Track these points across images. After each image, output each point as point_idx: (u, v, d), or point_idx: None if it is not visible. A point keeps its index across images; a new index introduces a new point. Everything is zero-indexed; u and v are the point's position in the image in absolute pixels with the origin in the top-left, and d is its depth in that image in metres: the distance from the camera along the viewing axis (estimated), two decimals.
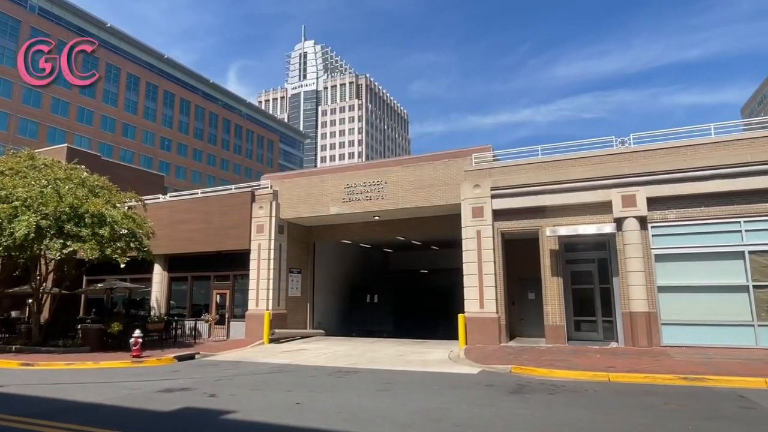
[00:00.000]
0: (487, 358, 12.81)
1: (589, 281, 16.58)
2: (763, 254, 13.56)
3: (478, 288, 16.03)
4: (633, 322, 14.19)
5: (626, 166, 15.03)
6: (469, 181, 16.92)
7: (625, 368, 10.65)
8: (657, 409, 7.32)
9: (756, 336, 13.29)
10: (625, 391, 8.76)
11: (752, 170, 13.63)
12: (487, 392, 8.85)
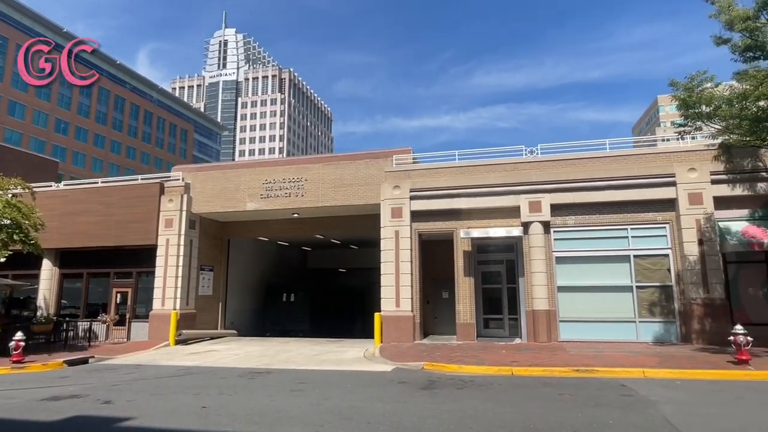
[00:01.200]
0: (401, 355, 13.08)
1: (498, 281, 17.55)
2: (645, 258, 15.22)
3: (395, 287, 16.33)
4: (535, 319, 15.25)
5: (534, 174, 16.12)
6: (389, 182, 17.18)
7: (527, 362, 11.41)
8: (552, 399, 7.92)
9: (637, 331, 14.88)
10: (526, 384, 9.38)
11: (639, 183, 15.24)
12: (400, 389, 9.04)
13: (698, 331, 14.01)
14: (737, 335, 10.57)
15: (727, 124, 12.22)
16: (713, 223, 14.42)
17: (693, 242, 14.45)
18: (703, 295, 14.15)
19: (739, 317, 13.75)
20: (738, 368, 10.20)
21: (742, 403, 7.56)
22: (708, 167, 14.63)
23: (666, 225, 15.17)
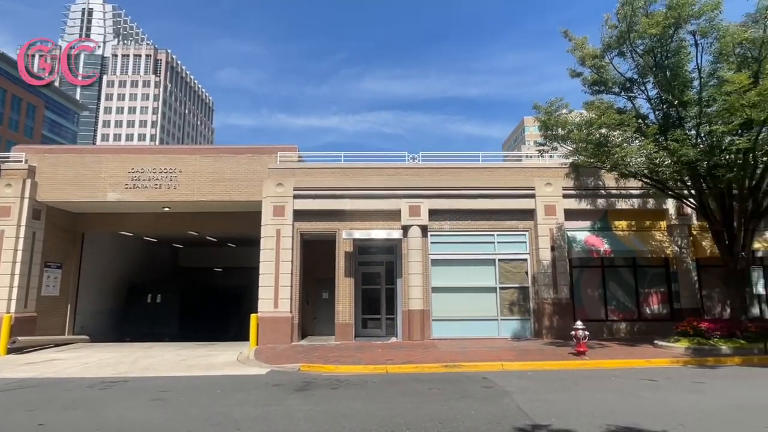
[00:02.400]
0: (277, 358, 12.72)
1: (378, 282, 18.00)
2: (507, 262, 16.78)
3: (274, 287, 15.86)
4: (411, 318, 15.93)
5: (415, 180, 16.86)
6: (272, 179, 16.67)
7: (401, 360, 11.85)
8: (422, 394, 8.31)
9: (499, 328, 16.33)
10: (399, 381, 9.72)
11: (505, 193, 16.78)
12: (273, 392, 8.77)
13: (548, 327, 15.83)
14: (577, 330, 12.15)
15: (577, 146, 14.02)
16: (563, 233, 16.43)
17: (547, 249, 16.31)
18: (552, 296, 16.04)
19: (580, 314, 15.83)
20: (577, 359, 11.71)
21: (578, 388, 8.69)
22: (561, 183, 16.66)
23: (526, 232, 16.91)
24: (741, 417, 6.46)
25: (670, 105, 13.52)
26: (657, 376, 9.81)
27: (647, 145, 12.62)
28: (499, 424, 6.28)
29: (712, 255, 15.29)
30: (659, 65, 13.12)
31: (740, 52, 12.40)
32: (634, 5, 12.62)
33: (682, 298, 16.50)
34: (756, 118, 11.33)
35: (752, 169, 12.74)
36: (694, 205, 14.51)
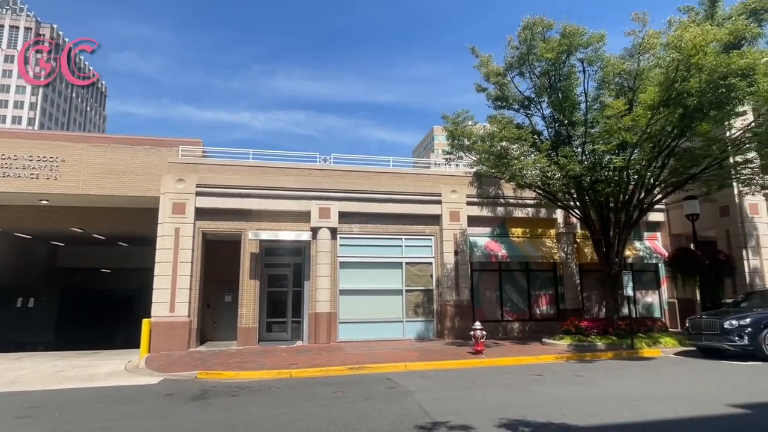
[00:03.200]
0: (171, 365, 11.87)
1: (285, 284, 17.59)
2: (414, 265, 17.29)
3: (171, 290, 14.82)
4: (317, 321, 15.76)
5: (326, 182, 16.76)
6: (172, 174, 15.59)
7: (306, 364, 11.67)
8: (327, 398, 8.24)
9: (404, 330, 16.75)
10: (303, 385, 9.54)
11: (413, 199, 17.30)
12: (165, 403, 8.16)
13: (450, 328, 16.55)
14: (476, 330, 12.85)
15: (480, 157, 14.89)
16: (466, 238, 17.32)
17: (450, 253, 17.07)
18: (455, 298, 16.81)
19: (479, 315, 16.77)
20: (475, 358, 12.37)
21: (475, 385, 9.17)
22: (465, 191, 17.55)
23: (432, 237, 17.56)
24: (611, 405, 7.23)
25: (561, 124, 14.88)
26: (544, 371, 10.67)
27: (541, 159, 13.75)
28: (401, 423, 6.41)
29: (592, 260, 17.03)
30: (553, 87, 14.37)
31: (619, 81, 14.01)
32: (534, 30, 13.72)
33: (567, 300, 18.19)
34: (629, 140, 12.84)
35: (625, 186, 14.40)
36: (578, 216, 16.06)
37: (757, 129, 13.31)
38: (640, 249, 18.70)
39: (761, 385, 8.75)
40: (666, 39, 12.10)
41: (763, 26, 12.30)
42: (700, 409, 6.84)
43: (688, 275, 16.38)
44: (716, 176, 14.57)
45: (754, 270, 16.87)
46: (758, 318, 11.66)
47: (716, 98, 11.39)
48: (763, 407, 7.01)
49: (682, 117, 12.18)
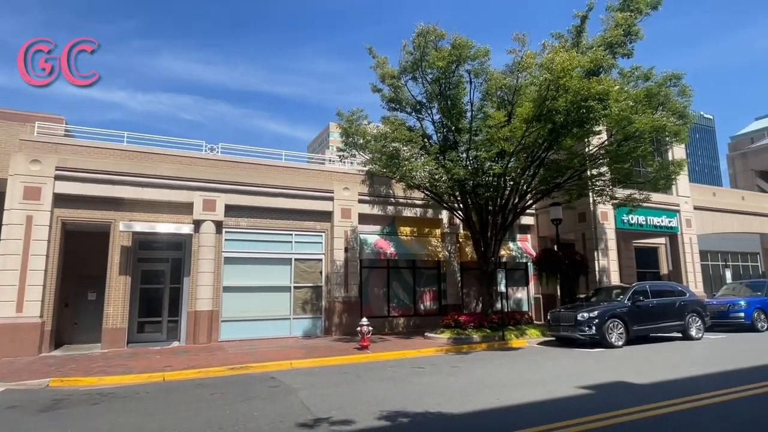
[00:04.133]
0: (16, 373, 10.31)
1: (161, 281, 16.27)
2: (303, 261, 17.07)
3: (19, 287, 12.88)
4: (197, 320, 14.82)
5: (212, 172, 15.82)
6: (26, 154, 13.57)
7: (182, 366, 10.89)
8: (203, 400, 7.77)
9: (291, 327, 16.46)
10: (177, 389, 8.89)
11: (306, 194, 17.06)
12: (8, 416, 7.05)
13: (338, 324, 16.62)
14: (362, 326, 13.06)
15: (373, 156, 15.17)
16: (357, 235, 17.53)
17: (341, 250, 17.15)
18: (343, 294, 16.92)
19: (366, 311, 17.07)
20: (361, 353, 12.57)
21: (359, 380, 9.31)
22: (357, 189, 17.76)
23: (323, 233, 17.49)
24: (482, 392, 7.82)
25: (449, 129, 15.74)
26: (425, 363, 11.20)
27: (429, 162, 14.41)
28: (282, 422, 6.27)
29: (472, 259, 18.28)
30: (443, 94, 15.14)
31: (500, 95, 15.20)
32: (427, 38, 14.32)
33: (449, 296, 19.31)
34: (507, 149, 14.00)
35: (502, 191, 15.68)
36: (461, 217, 17.13)
37: (609, 147, 15.34)
38: (513, 249, 20.52)
39: (603, 368, 10.10)
40: (540, 60, 13.40)
41: (616, 58, 14.22)
42: (554, 392, 7.68)
43: (551, 273, 18.34)
44: (576, 186, 16.52)
45: (602, 269, 19.46)
46: (603, 311, 13.46)
47: (578, 117, 12.90)
48: (603, 387, 8.09)
49: (551, 131, 13.58)
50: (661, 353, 12.16)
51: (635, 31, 13.97)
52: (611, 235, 19.99)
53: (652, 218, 21.35)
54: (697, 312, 15.00)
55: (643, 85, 14.81)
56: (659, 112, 14.51)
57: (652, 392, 7.56)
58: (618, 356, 11.71)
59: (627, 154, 14.83)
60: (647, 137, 14.40)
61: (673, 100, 14.70)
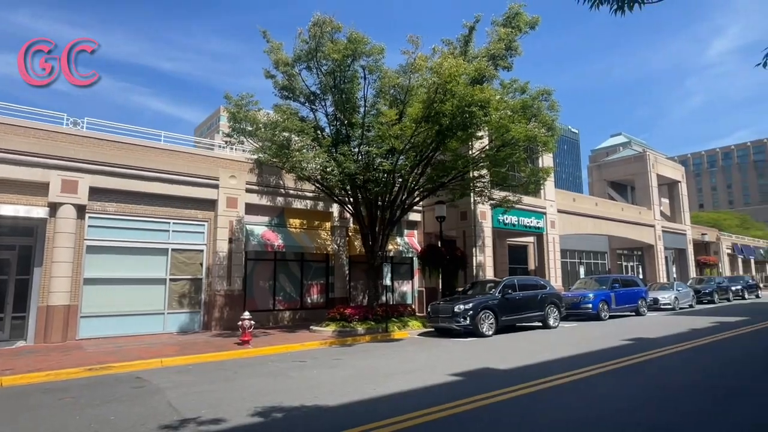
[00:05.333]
0: None
1: (5, 271, 14.04)
2: (182, 252, 15.93)
3: None
4: (50, 316, 13.09)
5: (75, 150, 14.04)
6: None
7: (27, 368, 9.53)
8: (49, 407, 6.87)
9: (164, 322, 15.28)
10: (19, 394, 7.76)
11: (188, 180, 15.92)
12: None
13: (218, 318, 15.81)
14: (244, 320, 12.57)
15: (263, 144, 14.63)
16: (243, 226, 16.80)
17: (225, 240, 16.32)
18: (226, 287, 16.13)
19: (251, 305, 16.48)
20: (241, 348, 12.08)
21: (236, 376, 8.94)
22: (245, 177, 17.01)
23: (205, 223, 16.48)
24: (360, 383, 7.97)
25: (342, 123, 15.75)
26: (307, 357, 11.11)
27: (321, 154, 14.29)
28: (144, 425, 5.78)
29: (360, 253, 18.55)
30: (337, 87, 15.08)
31: (393, 93, 15.57)
32: (323, 29, 14.15)
33: (336, 289, 19.39)
34: (398, 147, 14.40)
35: (391, 187, 16.11)
36: (351, 211, 17.28)
37: (489, 152, 16.54)
38: (400, 244, 21.24)
39: (474, 356, 10.89)
40: (431, 64, 13.98)
41: (498, 70, 15.36)
42: (428, 380, 8.10)
43: (434, 268, 19.34)
44: (460, 186, 17.58)
45: (479, 264, 20.99)
46: (477, 303, 14.52)
47: (463, 121, 13.70)
48: (472, 373, 8.72)
49: (438, 133, 14.25)
50: (523, 341, 13.46)
51: (515, 47, 15.22)
52: (488, 233, 21.64)
53: (523, 219, 23.53)
54: (555, 304, 16.87)
55: (519, 97, 16.18)
56: (532, 122, 15.99)
57: (512, 376, 8.33)
58: (488, 345, 12.72)
59: (504, 159, 16.12)
60: (521, 145, 15.80)
61: (544, 113, 16.29)
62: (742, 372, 8.61)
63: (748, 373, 8.49)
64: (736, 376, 8.26)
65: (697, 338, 12.85)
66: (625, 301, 20.75)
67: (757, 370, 8.83)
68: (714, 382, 7.68)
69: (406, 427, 5.45)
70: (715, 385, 7.45)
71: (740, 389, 7.22)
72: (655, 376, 8.33)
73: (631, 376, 8.36)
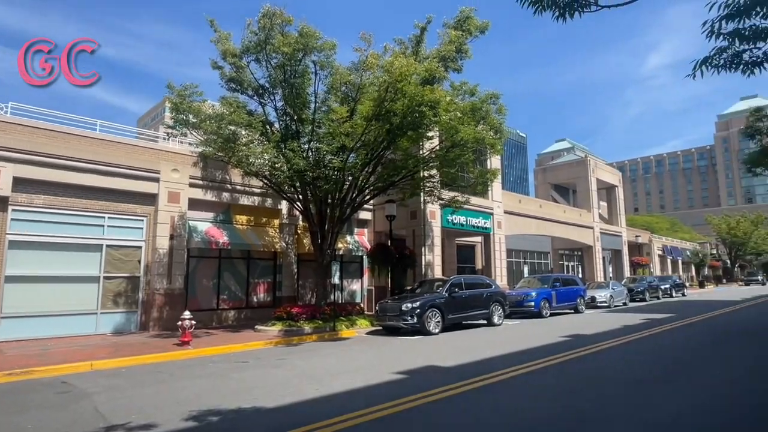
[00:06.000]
0: None
1: None
2: (118, 248, 15.08)
3: None
4: None
5: None
6: None
7: None
8: None
9: (97, 323, 14.41)
10: None
11: (125, 173, 15.08)
12: None
13: (157, 318, 15.09)
14: (184, 320, 12.05)
15: (208, 137, 14.09)
16: (185, 222, 16.13)
17: (165, 237, 15.60)
18: (166, 286, 15.43)
19: (193, 304, 15.87)
20: (180, 349, 11.58)
21: (172, 379, 8.54)
22: (189, 171, 16.34)
23: (144, 218, 15.69)
24: (303, 383, 7.82)
25: (292, 119, 15.45)
26: (250, 357, 10.80)
27: (269, 149, 13.94)
28: None
29: (309, 251, 18.28)
30: (288, 81, 14.76)
31: (345, 90, 15.43)
32: (273, 20, 13.81)
33: (284, 288, 19.03)
34: (348, 144, 14.28)
35: (342, 185, 15.96)
36: (301, 209, 16.99)
37: (439, 152, 16.75)
38: (350, 242, 21.14)
39: (419, 354, 10.98)
40: (382, 62, 13.96)
41: (448, 72, 15.57)
42: (372, 379, 8.07)
43: (383, 266, 19.38)
44: (410, 186, 17.69)
45: (428, 263, 21.25)
46: (425, 301, 14.67)
47: (413, 121, 13.79)
48: (416, 372, 8.77)
49: (388, 131, 14.27)
50: (468, 339, 13.73)
51: (465, 50, 15.49)
52: (437, 233, 21.95)
53: (472, 219, 24.06)
54: (499, 302, 17.35)
55: (469, 100, 16.50)
56: (481, 125, 16.34)
57: (456, 374, 8.44)
58: (434, 343, 12.87)
59: (453, 159, 16.37)
60: (470, 146, 16.10)
61: (492, 116, 16.69)
62: (657, 366, 9.18)
63: (661, 369, 9.06)
64: (653, 369, 8.79)
65: (628, 334, 13.59)
66: (565, 300, 21.67)
67: (666, 367, 9.43)
68: (633, 375, 8.13)
69: (344, 428, 5.38)
70: (632, 378, 7.89)
71: (656, 379, 7.68)
72: (589, 370, 8.71)
73: (567, 370, 8.70)
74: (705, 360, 9.63)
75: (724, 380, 7.72)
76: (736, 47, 6.01)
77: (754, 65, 6.13)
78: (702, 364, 9.24)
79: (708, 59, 6.03)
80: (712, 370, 8.60)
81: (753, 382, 7.65)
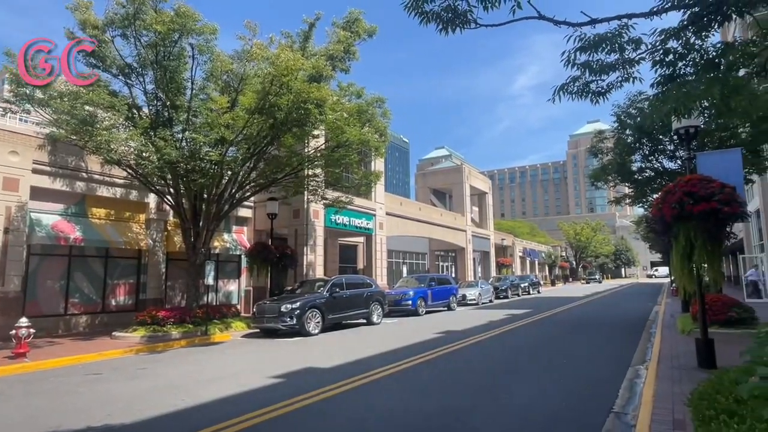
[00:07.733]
0: None
1: None
2: None
3: None
4: None
5: None
6: None
7: None
8: None
9: None
10: None
11: None
12: None
13: None
14: (20, 328, 10.29)
15: (59, 117, 12.24)
16: (26, 213, 13.84)
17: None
18: None
19: (33, 309, 13.73)
20: (14, 362, 9.88)
21: (2, 398, 7.22)
22: (32, 155, 14.05)
23: None
24: (167, 394, 7.13)
25: (164, 104, 14.13)
26: (104, 368, 9.59)
27: (136, 136, 12.57)
28: None
29: (181, 249, 16.87)
30: (160, 63, 13.46)
31: (226, 79, 14.56)
32: None
33: (149, 289, 17.30)
34: (228, 137, 13.46)
35: (219, 180, 14.99)
36: (171, 203, 15.59)
37: (324, 151, 16.62)
38: (228, 241, 19.99)
39: (298, 356, 10.73)
40: (268, 54, 13.43)
41: (336, 71, 15.53)
42: (245, 385, 7.65)
43: (263, 266, 18.64)
44: (293, 184, 17.28)
45: (310, 263, 20.96)
46: (305, 302, 14.42)
47: (298, 117, 13.47)
48: (293, 374, 8.53)
49: (272, 126, 13.75)
50: (348, 338, 13.80)
51: (353, 51, 15.59)
52: (320, 233, 21.77)
53: (355, 219, 24.32)
54: (379, 301, 17.75)
55: (355, 101, 16.64)
56: (366, 127, 16.57)
57: (335, 374, 8.38)
58: (313, 344, 12.69)
59: (338, 159, 16.37)
60: (355, 147, 16.25)
61: (377, 120, 17.03)
62: (517, 357, 10.15)
63: (520, 360, 10.04)
64: (513, 360, 9.69)
65: (493, 329, 14.81)
66: (440, 298, 22.96)
67: (524, 358, 10.51)
68: (495, 367, 8.87)
69: None
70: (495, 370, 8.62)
71: (516, 370, 8.48)
72: (458, 362, 9.28)
73: (440, 366, 9.15)
74: (556, 352, 10.86)
75: (569, 367, 8.75)
76: (587, 77, 6.81)
77: (599, 94, 7.02)
78: (553, 355, 10.38)
79: (564, 86, 6.77)
80: (559, 359, 9.71)
81: (589, 369, 8.80)
